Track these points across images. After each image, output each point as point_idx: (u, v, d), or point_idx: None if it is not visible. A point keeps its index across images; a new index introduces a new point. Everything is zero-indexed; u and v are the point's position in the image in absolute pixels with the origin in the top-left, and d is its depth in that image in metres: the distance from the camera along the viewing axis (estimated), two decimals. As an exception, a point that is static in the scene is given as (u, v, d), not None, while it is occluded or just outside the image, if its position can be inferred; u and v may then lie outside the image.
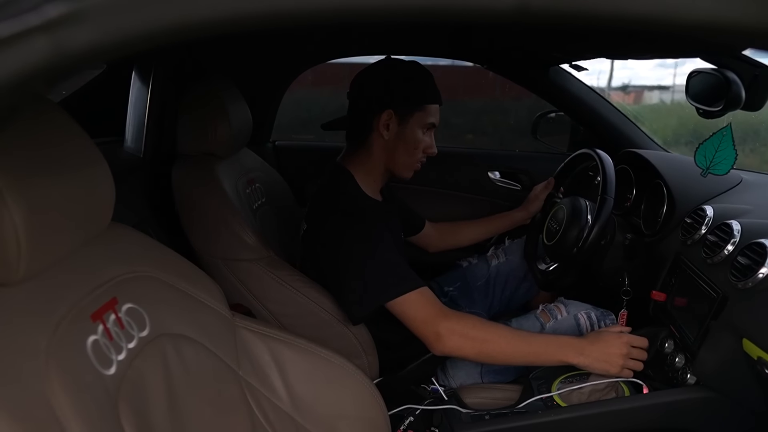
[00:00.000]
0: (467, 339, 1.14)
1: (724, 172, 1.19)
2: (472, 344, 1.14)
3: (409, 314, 1.16)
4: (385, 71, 1.32)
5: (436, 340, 1.14)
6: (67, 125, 0.65)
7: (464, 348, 1.14)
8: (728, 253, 1.09)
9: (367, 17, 0.29)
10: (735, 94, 1.11)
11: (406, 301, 1.16)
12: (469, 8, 0.30)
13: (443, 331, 1.13)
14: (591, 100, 1.87)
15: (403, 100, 1.28)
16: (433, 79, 1.32)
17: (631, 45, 1.17)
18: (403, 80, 1.29)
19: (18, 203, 0.55)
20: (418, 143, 1.31)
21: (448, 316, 1.16)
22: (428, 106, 1.30)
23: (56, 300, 0.63)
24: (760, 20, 0.37)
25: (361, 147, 1.33)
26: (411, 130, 1.29)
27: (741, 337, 0.98)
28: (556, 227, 1.40)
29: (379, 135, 1.29)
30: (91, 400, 0.61)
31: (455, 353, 1.16)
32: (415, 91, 1.29)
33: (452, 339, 1.13)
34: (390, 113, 1.27)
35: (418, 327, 1.16)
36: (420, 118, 1.29)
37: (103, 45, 0.33)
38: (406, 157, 1.32)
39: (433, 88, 1.32)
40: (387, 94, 1.28)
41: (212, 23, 0.36)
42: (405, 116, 1.28)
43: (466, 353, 1.16)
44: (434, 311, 1.16)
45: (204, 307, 0.87)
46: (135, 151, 1.61)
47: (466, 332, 1.14)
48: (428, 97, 1.30)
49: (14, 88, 0.31)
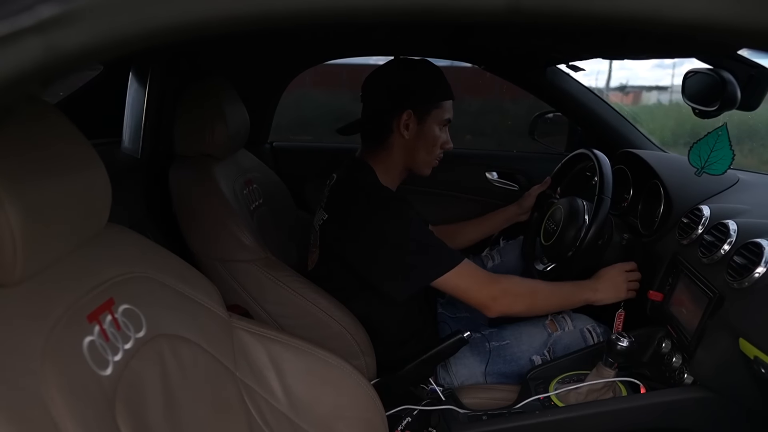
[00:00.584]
0: (518, 296, 1.26)
1: (720, 172, 1.19)
2: (522, 300, 1.27)
3: (461, 286, 1.22)
4: (399, 71, 1.33)
5: (493, 303, 1.23)
6: (63, 127, 0.65)
7: (516, 305, 1.26)
8: (724, 252, 1.09)
9: (358, 17, 0.29)
10: (731, 94, 1.11)
11: (456, 275, 1.21)
12: (461, 8, 0.31)
13: (497, 294, 1.23)
14: (588, 100, 1.87)
15: (420, 100, 1.30)
16: (443, 74, 1.34)
17: (627, 45, 1.17)
18: (419, 79, 1.31)
19: (14, 205, 0.55)
20: (437, 140, 1.33)
21: (498, 280, 1.26)
22: (443, 102, 1.32)
23: (52, 301, 0.63)
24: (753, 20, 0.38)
25: (379, 146, 1.33)
26: (429, 127, 1.31)
27: (737, 337, 0.98)
28: (554, 227, 1.40)
29: (399, 135, 1.30)
30: (88, 401, 0.61)
31: (509, 311, 1.26)
32: (431, 88, 1.31)
33: (506, 299, 1.24)
34: (409, 113, 1.29)
35: (473, 296, 1.23)
36: (437, 115, 1.31)
37: (97, 46, 0.33)
38: (426, 154, 1.34)
39: (445, 84, 1.34)
40: (404, 94, 1.29)
41: (206, 23, 0.36)
42: (423, 115, 1.30)
43: (518, 309, 1.28)
44: (484, 278, 1.24)
45: (201, 308, 0.87)
46: (132, 152, 1.61)
47: (516, 290, 1.26)
48: (443, 94, 1.33)
49: (7, 89, 0.31)
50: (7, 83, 0.30)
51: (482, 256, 1.72)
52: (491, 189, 2.05)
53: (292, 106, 2.97)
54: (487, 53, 1.80)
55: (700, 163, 1.18)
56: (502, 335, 1.37)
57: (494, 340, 1.36)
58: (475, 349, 1.35)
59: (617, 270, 1.32)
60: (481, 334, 1.39)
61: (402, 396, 1.25)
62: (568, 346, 1.33)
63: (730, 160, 1.16)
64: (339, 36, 1.70)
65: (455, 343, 1.25)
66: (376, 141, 1.34)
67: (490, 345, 1.35)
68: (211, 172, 1.38)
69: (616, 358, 1.12)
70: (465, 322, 1.55)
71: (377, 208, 1.23)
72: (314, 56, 2.00)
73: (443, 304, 1.62)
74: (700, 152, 1.18)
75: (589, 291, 1.30)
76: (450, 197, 2.03)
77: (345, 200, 1.31)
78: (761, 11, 0.37)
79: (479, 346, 1.36)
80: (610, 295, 1.31)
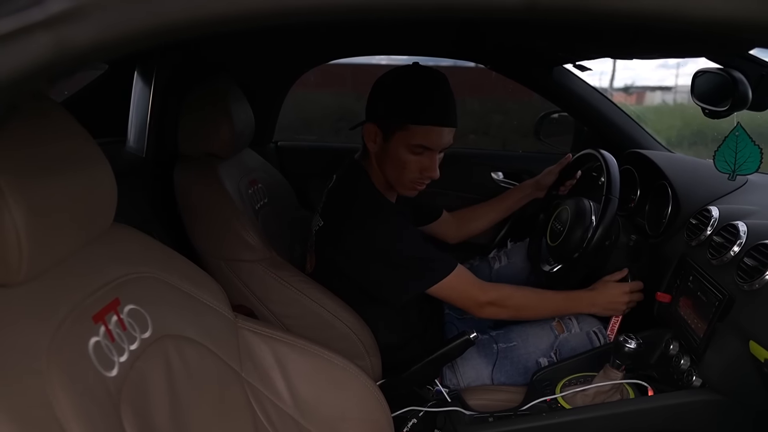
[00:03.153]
0: (505, 308, 1.29)
1: (753, 170, 1.14)
2: (507, 312, 1.30)
3: (452, 295, 1.26)
4: (379, 84, 1.25)
5: (479, 310, 1.27)
6: (69, 125, 0.65)
7: (501, 314, 1.30)
8: (734, 254, 1.08)
9: (378, 13, 0.28)
10: (742, 93, 1.10)
11: (446, 284, 1.23)
12: (480, 5, 0.30)
13: (484, 302, 1.27)
14: (594, 100, 1.86)
15: (384, 116, 1.21)
16: (437, 98, 1.19)
17: (637, 45, 1.16)
18: (389, 95, 1.21)
19: (19, 203, 0.54)
20: (406, 163, 1.21)
21: (487, 289, 1.28)
22: (412, 126, 1.17)
23: (58, 301, 0.63)
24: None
25: (365, 152, 1.32)
26: (394, 148, 1.21)
27: (748, 339, 0.97)
28: (560, 228, 1.39)
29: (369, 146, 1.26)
30: (93, 402, 0.60)
31: (496, 317, 1.32)
32: (399, 108, 1.18)
33: (492, 309, 1.28)
34: (374, 127, 1.22)
35: (461, 303, 1.28)
36: (403, 137, 1.19)
37: (106, 42, 0.33)
38: (396, 174, 1.25)
39: (428, 109, 1.17)
40: (376, 104, 1.24)
41: (216, 20, 0.35)
42: (388, 133, 1.21)
43: (505, 317, 1.32)
44: (473, 287, 1.27)
45: (206, 309, 0.86)
46: (137, 152, 1.61)
47: (504, 301, 1.29)
48: (414, 117, 1.17)
49: (15, 86, 0.31)
50: (16, 79, 0.30)
51: (489, 258, 1.71)
52: (497, 189, 2.04)
53: (296, 106, 2.97)
54: (493, 53, 1.79)
55: (730, 168, 1.16)
56: (509, 337, 1.37)
57: (501, 342, 1.36)
58: (482, 351, 1.35)
59: (620, 289, 1.32)
60: (489, 336, 1.38)
61: (407, 397, 1.24)
62: (575, 348, 1.32)
63: (759, 156, 1.14)
64: (345, 35, 1.69)
65: (462, 345, 1.25)
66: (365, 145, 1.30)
67: (498, 347, 1.35)
68: (215, 172, 1.38)
69: (623, 360, 1.11)
70: (472, 323, 1.54)
71: (368, 218, 1.23)
72: (320, 55, 2.00)
73: (450, 305, 1.62)
74: (725, 158, 1.16)
75: (585, 305, 1.32)
76: (456, 197, 2.02)
77: (339, 208, 1.29)
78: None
79: (486, 347, 1.35)
80: (606, 312, 1.33)
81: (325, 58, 2.04)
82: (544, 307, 1.33)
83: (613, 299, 1.31)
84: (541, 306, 1.32)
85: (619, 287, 1.32)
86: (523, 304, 1.31)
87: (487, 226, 1.74)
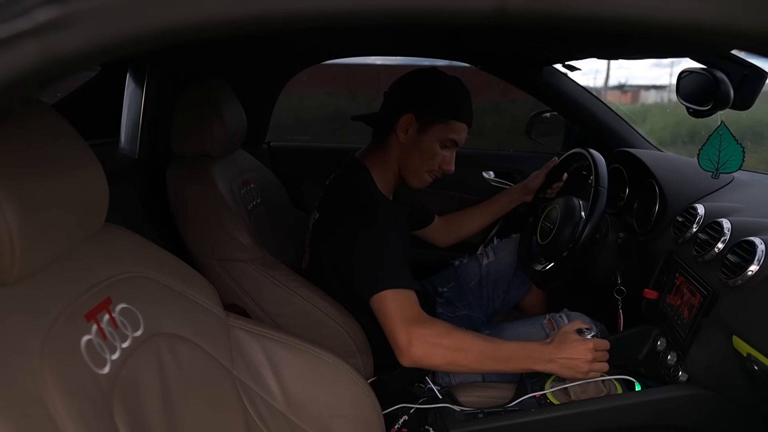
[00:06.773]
0: (439, 347, 1.11)
1: (735, 168, 1.17)
2: (443, 353, 1.11)
3: (388, 311, 1.12)
4: (420, 78, 1.33)
5: (408, 345, 1.09)
6: (60, 127, 0.66)
7: (435, 356, 1.11)
8: (718, 251, 1.10)
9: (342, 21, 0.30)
10: (724, 93, 1.12)
11: (389, 297, 1.13)
12: (448, 11, 0.31)
13: (415, 337, 1.09)
14: (585, 100, 1.88)
15: (427, 108, 1.29)
16: (468, 99, 1.33)
17: (621, 45, 1.18)
18: (436, 90, 1.30)
19: (11, 204, 0.56)
20: (434, 155, 1.31)
21: (425, 324, 1.12)
22: (453, 121, 1.30)
23: (50, 300, 0.64)
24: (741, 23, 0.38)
25: (380, 145, 1.35)
26: (428, 140, 1.30)
27: (731, 334, 0.99)
28: (550, 226, 1.40)
29: (397, 136, 1.31)
30: (86, 399, 0.61)
31: (425, 361, 1.12)
32: (444, 103, 1.29)
33: (423, 346, 1.10)
34: (411, 117, 1.29)
35: (393, 327, 1.12)
36: (441, 130, 1.29)
37: (93, 49, 0.34)
38: (419, 164, 1.32)
39: (464, 107, 1.32)
40: (412, 98, 1.30)
41: (202, 27, 0.37)
42: (425, 125, 1.29)
43: (437, 362, 1.13)
44: (413, 315, 1.13)
45: (198, 308, 0.87)
46: (130, 152, 1.62)
47: (439, 341, 1.11)
48: (455, 113, 1.30)
49: (4, 92, 0.32)
50: (3, 86, 0.31)
51: (477, 255, 1.73)
52: (488, 188, 2.06)
53: (289, 106, 2.97)
54: (482, 53, 1.80)
55: (713, 166, 1.18)
56: (500, 335, 1.38)
57: None
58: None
59: (585, 347, 1.14)
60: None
61: (399, 394, 1.25)
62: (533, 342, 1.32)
63: (741, 155, 1.16)
64: (336, 37, 1.70)
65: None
66: (378, 136, 1.36)
67: None
68: (208, 172, 1.38)
69: None
70: (463, 322, 1.56)
71: (356, 213, 1.24)
72: (311, 57, 2.01)
73: (442, 304, 1.63)
74: (709, 156, 1.18)
75: (541, 360, 1.14)
76: (447, 196, 2.04)
77: (334, 201, 1.32)
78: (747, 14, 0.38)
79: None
80: (564, 372, 1.16)
81: (316, 60, 2.05)
82: (490, 356, 1.14)
83: (574, 355, 1.13)
84: (486, 353, 1.13)
85: (583, 343, 1.15)
86: (462, 346, 1.11)
87: (476, 230, 1.78)
